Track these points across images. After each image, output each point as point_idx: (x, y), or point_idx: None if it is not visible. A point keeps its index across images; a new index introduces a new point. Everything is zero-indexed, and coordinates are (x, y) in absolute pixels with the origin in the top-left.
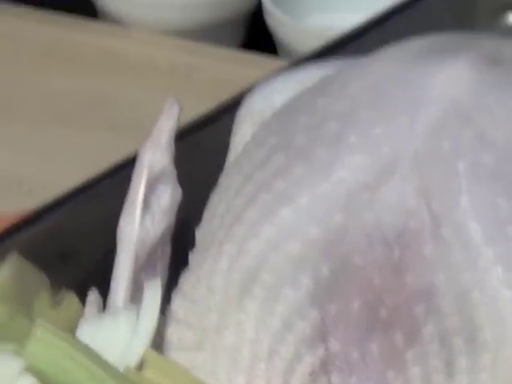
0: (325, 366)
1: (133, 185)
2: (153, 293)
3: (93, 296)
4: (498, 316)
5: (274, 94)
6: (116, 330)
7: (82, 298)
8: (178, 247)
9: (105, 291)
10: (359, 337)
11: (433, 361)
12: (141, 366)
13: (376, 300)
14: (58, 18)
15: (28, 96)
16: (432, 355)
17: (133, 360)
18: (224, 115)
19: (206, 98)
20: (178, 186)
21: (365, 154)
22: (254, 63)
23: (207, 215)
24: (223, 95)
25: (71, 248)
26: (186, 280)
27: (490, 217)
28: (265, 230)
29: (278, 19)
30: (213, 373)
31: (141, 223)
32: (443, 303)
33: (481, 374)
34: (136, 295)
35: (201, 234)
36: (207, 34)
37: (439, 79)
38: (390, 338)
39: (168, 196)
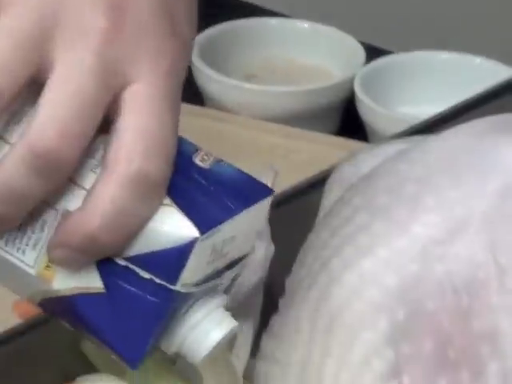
0: None
1: None
2: (245, 335)
3: None
4: None
5: (360, 162)
6: None
7: None
8: (268, 296)
9: None
10: (429, 374)
11: None
12: None
13: (445, 342)
14: None
15: None
16: None
17: None
18: (314, 187)
19: (301, 177)
20: (272, 242)
21: (439, 213)
22: (346, 147)
23: (296, 265)
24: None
25: None
26: (276, 322)
27: None
28: (347, 278)
29: (368, 107)
30: None
31: None
32: (507, 345)
33: None
34: None
35: (290, 281)
36: (305, 120)
37: (510, 149)
38: (457, 375)
39: (263, 250)
